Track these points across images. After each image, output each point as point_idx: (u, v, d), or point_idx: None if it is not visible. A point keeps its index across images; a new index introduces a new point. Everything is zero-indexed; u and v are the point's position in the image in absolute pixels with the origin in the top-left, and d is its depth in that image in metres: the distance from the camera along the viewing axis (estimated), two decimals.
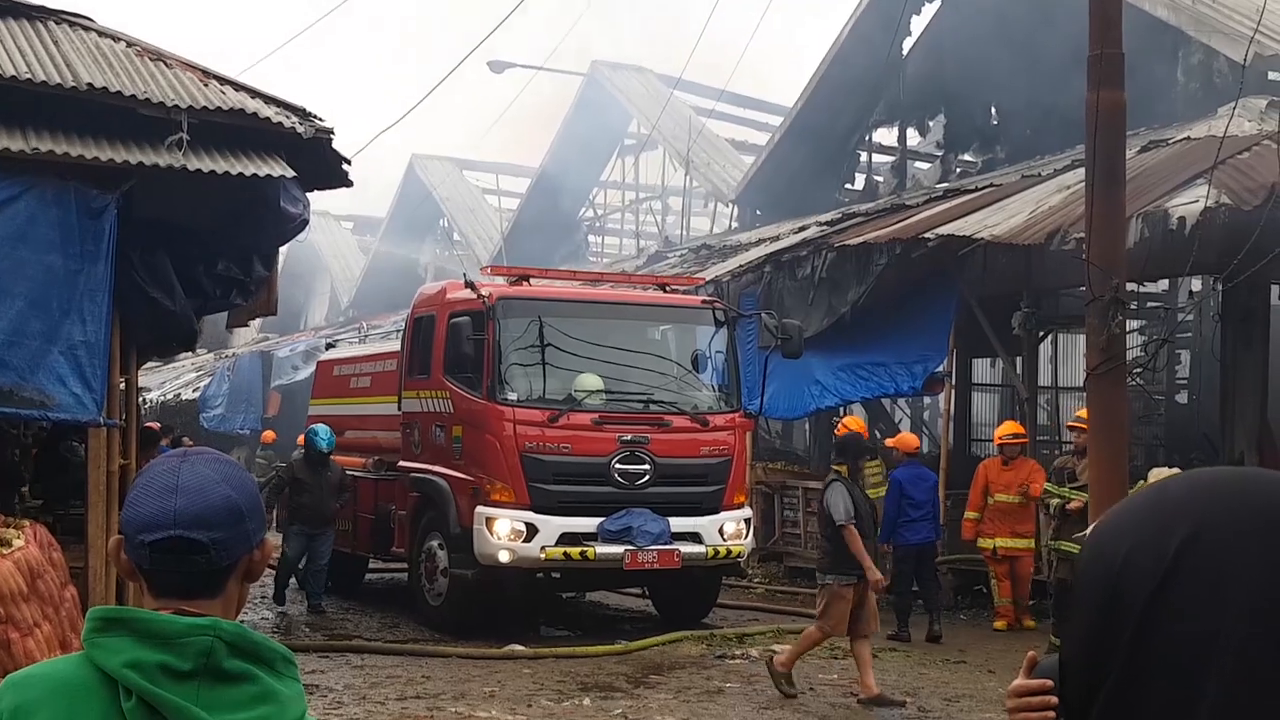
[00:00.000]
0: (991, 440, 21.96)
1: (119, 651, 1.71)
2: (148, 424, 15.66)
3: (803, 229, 20.98)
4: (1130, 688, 0.98)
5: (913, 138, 26.13)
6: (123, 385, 9.13)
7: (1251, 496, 1.00)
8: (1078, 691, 1.03)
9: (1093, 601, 1.02)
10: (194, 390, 33.14)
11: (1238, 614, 0.94)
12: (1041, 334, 17.32)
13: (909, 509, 13.05)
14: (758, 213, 27.44)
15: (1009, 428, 14.36)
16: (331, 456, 14.63)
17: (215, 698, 1.71)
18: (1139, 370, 11.81)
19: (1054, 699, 2.59)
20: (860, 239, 16.72)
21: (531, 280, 13.81)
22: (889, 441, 13.83)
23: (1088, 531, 3.06)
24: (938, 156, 25.55)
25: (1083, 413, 11.29)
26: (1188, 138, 15.40)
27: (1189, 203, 12.28)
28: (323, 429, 14.66)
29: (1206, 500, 1.01)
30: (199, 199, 8.80)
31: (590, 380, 12.92)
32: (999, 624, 13.57)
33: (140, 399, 15.66)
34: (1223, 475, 1.04)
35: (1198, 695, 0.94)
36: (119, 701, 1.69)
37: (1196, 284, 18.14)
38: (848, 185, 26.79)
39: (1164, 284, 19.08)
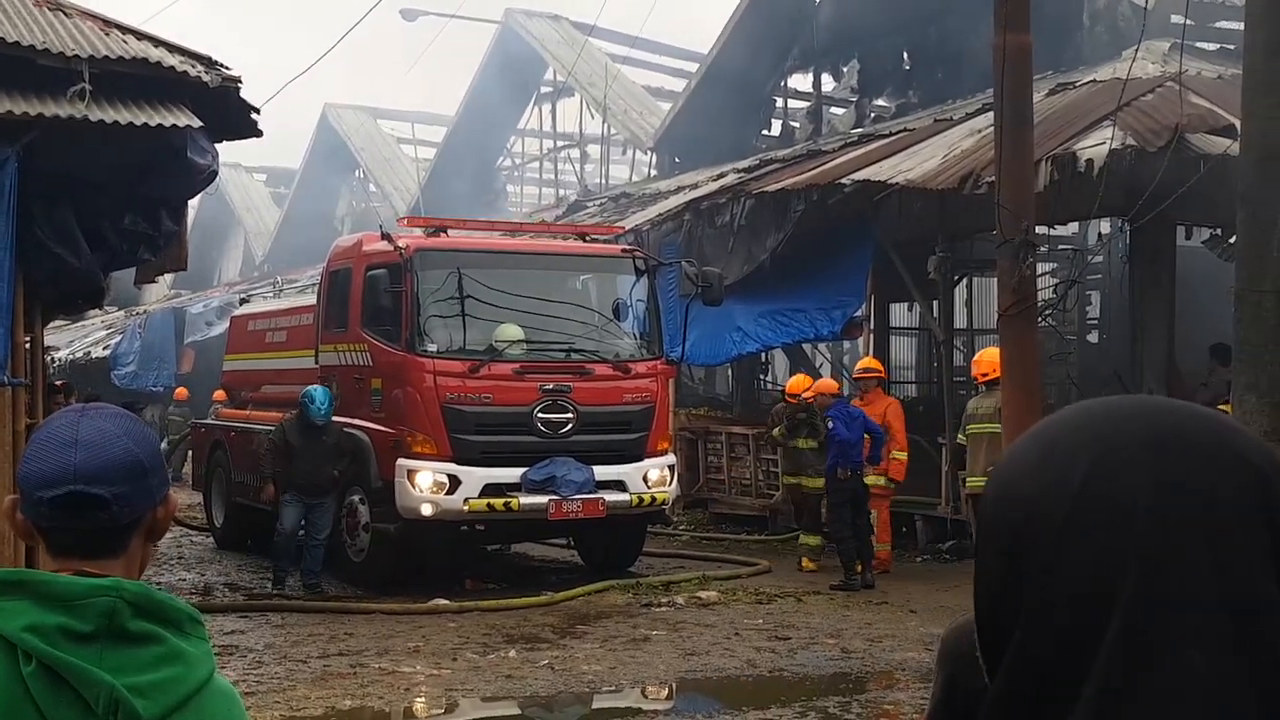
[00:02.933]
0: (910, 382, 22.35)
1: (17, 615, 1.66)
2: (54, 382, 15.29)
3: (721, 176, 20.99)
4: (1039, 630, 0.99)
5: (827, 83, 26.21)
6: (27, 343, 8.94)
7: (1136, 422, 1.02)
8: (991, 640, 1.03)
9: (1000, 548, 1.02)
10: (104, 348, 32.54)
11: (1138, 543, 0.96)
12: (956, 278, 17.50)
13: (846, 447, 12.90)
14: (676, 160, 27.40)
15: (868, 362, 14.65)
16: (332, 418, 13.01)
17: (119, 659, 1.67)
18: (1050, 311, 11.98)
19: None
20: (778, 186, 16.76)
21: (449, 231, 13.70)
22: (807, 395, 13.93)
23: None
24: (852, 102, 25.65)
25: (993, 352, 11.42)
26: (1094, 81, 15.58)
27: (1096, 145, 12.44)
28: (319, 393, 12.92)
29: (1096, 432, 1.02)
30: (103, 151, 8.60)
31: (511, 330, 12.86)
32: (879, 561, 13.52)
33: (49, 357, 15.31)
34: (1107, 407, 1.05)
35: (1103, 629, 0.95)
36: (19, 667, 1.65)
37: (1105, 226, 18.40)
38: (764, 131, 26.84)
39: (1074, 227, 19.34)
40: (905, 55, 24.01)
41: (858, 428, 13.06)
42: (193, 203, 10.43)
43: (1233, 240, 12.81)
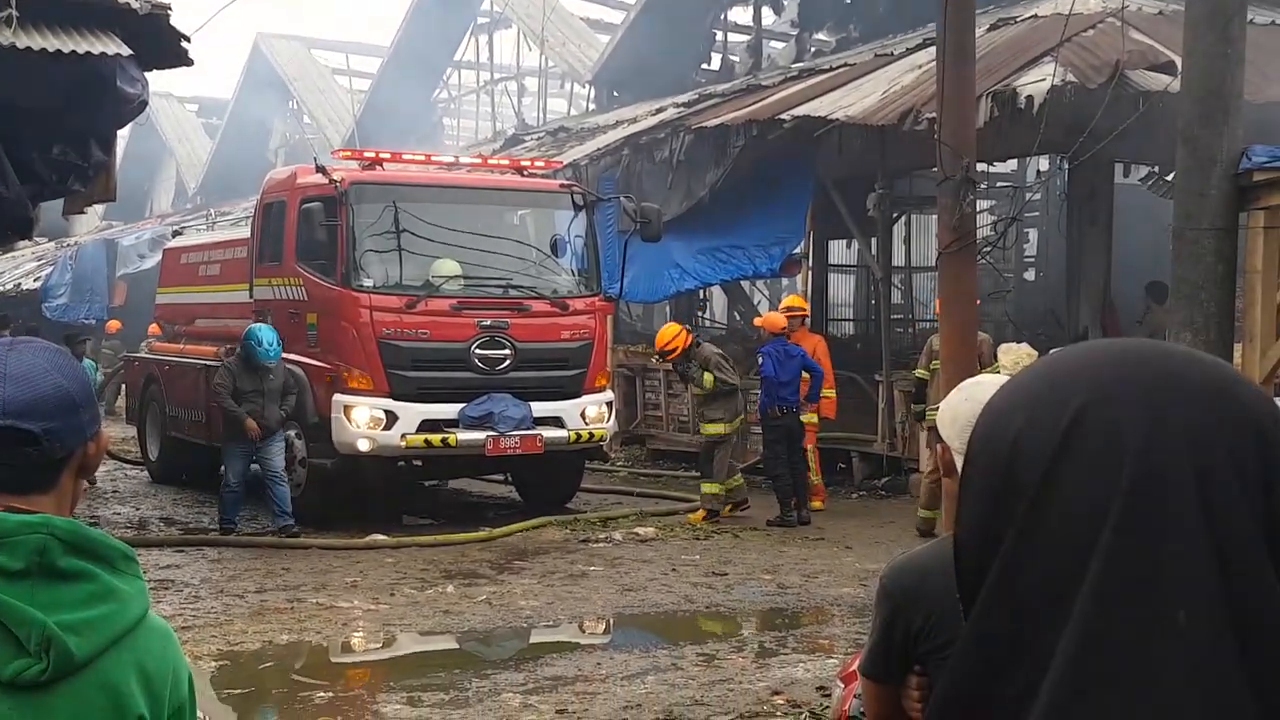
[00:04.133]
0: (848, 320, 22.47)
1: None
2: None
3: (660, 110, 20.87)
4: (1018, 566, 0.97)
5: (768, 17, 26.07)
6: None
7: (1131, 364, 1.00)
8: (970, 575, 1.01)
9: (986, 482, 1.01)
10: (35, 280, 31.99)
11: (1126, 482, 0.94)
12: (895, 215, 17.56)
13: (776, 387, 12.80)
14: (614, 94, 27.21)
15: (793, 300, 14.60)
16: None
17: (51, 597, 1.64)
18: (989, 249, 12.04)
19: None
20: (717, 121, 16.68)
21: (385, 164, 13.51)
22: (757, 321, 13.79)
23: (943, 404, 3.09)
24: (792, 36, 25.55)
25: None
26: (1035, 16, 15.59)
27: (1036, 81, 12.46)
28: (266, 333, 12.30)
29: (1091, 372, 0.99)
30: (31, 80, 8.38)
31: (448, 265, 12.76)
32: (818, 503, 13.39)
33: None
34: (1104, 347, 1.03)
35: (1083, 569, 0.93)
36: None
37: (1045, 164, 18.50)
38: (704, 65, 26.68)
39: (1013, 164, 19.43)
40: None
41: (794, 366, 12.91)
42: (123, 133, 10.17)
43: (1171, 178, 12.96)
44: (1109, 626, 0.92)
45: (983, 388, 2.87)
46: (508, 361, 12.69)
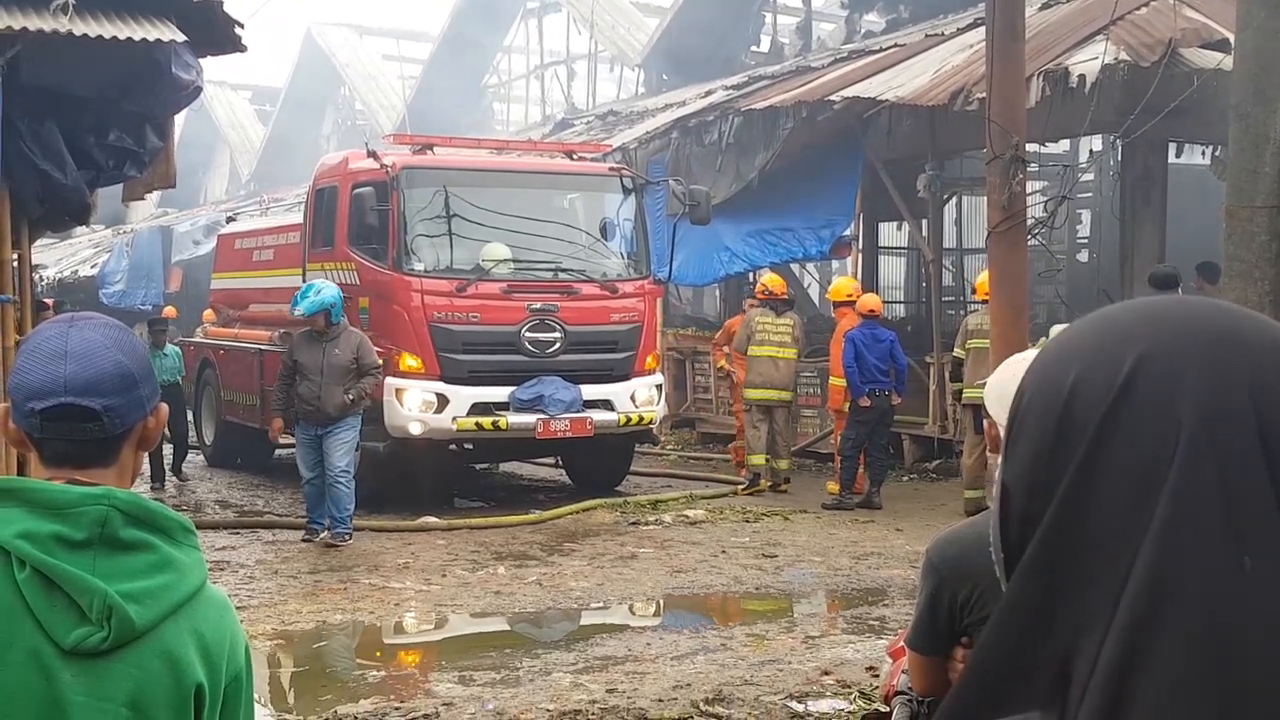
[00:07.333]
0: (899, 302, 22.37)
1: (10, 522, 1.67)
2: (42, 299, 15.16)
3: (709, 93, 20.83)
4: (1077, 508, 0.96)
5: None
6: (15, 260, 8.89)
7: (1193, 318, 1.00)
8: (1016, 524, 1.01)
9: (1039, 430, 0.99)
10: (92, 266, 32.41)
11: (1187, 431, 0.94)
12: (946, 196, 17.43)
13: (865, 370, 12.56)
14: (664, 77, 27.18)
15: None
16: (346, 325, 11.14)
17: (112, 566, 1.68)
18: (1039, 229, 11.96)
19: None
20: (766, 103, 16.63)
21: (436, 149, 13.59)
22: (861, 302, 13.54)
23: (991, 378, 3.10)
24: (842, 17, 25.41)
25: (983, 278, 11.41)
26: None
27: (1088, 60, 12.34)
28: (311, 287, 11.10)
29: (1153, 323, 0.99)
30: (88, 66, 8.49)
31: (498, 249, 12.82)
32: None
33: (37, 275, 15.20)
34: (1164, 301, 1.04)
35: (1146, 516, 0.93)
36: (13, 573, 1.66)
37: (1097, 143, 18.32)
38: (753, 48, 26.61)
39: (1065, 144, 19.25)
40: None
41: (882, 350, 12.62)
42: (177, 120, 10.25)
43: None
44: (1178, 570, 0.91)
45: (1029, 363, 2.88)
46: (558, 345, 12.74)
